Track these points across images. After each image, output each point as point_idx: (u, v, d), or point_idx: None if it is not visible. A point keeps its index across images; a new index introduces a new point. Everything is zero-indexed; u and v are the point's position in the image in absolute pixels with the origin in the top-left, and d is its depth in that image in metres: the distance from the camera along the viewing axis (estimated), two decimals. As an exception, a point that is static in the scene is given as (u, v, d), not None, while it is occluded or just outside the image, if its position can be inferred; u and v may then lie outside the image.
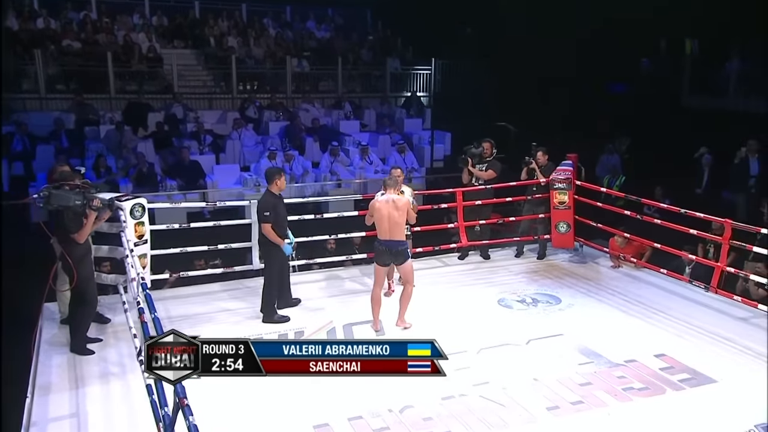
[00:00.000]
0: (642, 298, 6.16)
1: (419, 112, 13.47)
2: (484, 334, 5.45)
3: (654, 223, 6.29)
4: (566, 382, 4.67)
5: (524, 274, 7.00)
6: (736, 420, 4.08)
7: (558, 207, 7.08)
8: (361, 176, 10.54)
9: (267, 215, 5.49)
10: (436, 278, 6.75)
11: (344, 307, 6.02)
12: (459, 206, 7.02)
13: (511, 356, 5.12)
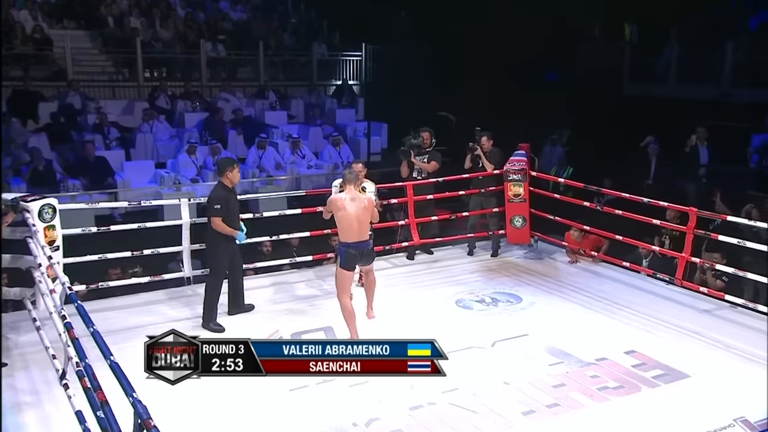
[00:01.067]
0: (604, 294, 6.37)
1: (351, 102, 13.43)
2: (445, 338, 5.21)
3: (614, 215, 6.49)
4: (539, 385, 4.75)
5: (479, 272, 7.09)
6: (715, 415, 4.27)
7: (513, 200, 7.22)
8: (293, 172, 10.36)
9: (218, 208, 5.42)
10: (387, 280, 6.69)
11: (292, 315, 5.89)
12: (410, 202, 7.02)
13: (478, 360, 5.16)
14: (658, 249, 6.45)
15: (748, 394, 4.49)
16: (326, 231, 6.78)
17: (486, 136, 7.28)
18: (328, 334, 5.62)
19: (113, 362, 2.84)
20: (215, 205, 5.43)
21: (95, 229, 6.07)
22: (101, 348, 2.97)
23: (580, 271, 7.02)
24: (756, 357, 5.02)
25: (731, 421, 4.20)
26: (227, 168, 5.50)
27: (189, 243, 6.11)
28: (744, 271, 5.60)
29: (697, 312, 5.91)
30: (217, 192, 5.50)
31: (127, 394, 2.65)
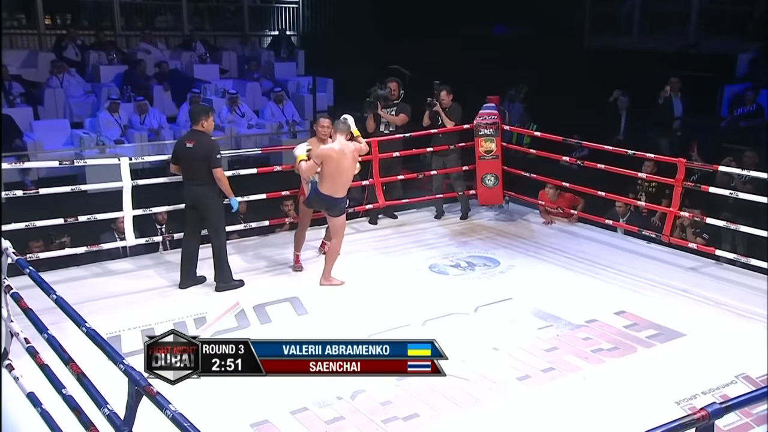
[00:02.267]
0: (585, 254, 6.54)
1: (291, 55, 13.16)
2: (424, 305, 5.51)
3: (591, 171, 6.64)
4: (530, 349, 4.85)
5: (450, 236, 7.14)
6: (716, 372, 4.47)
7: (484, 157, 7.27)
8: (232, 132, 10.10)
9: (220, 158, 5.52)
10: (352, 246, 6.67)
11: (253, 286, 5.79)
12: (375, 159, 6.96)
13: (462, 326, 5.22)
14: (644, 205, 6.65)
15: (746, 350, 4.71)
16: (284, 192, 6.71)
17: (445, 90, 7.29)
18: (293, 305, 5.62)
19: (90, 329, 2.71)
20: (217, 155, 5.49)
21: (21, 192, 5.75)
22: (71, 316, 2.82)
23: (557, 232, 7.18)
24: (749, 313, 5.28)
25: (733, 378, 4.41)
26: (201, 116, 5.54)
27: (131, 208, 5.88)
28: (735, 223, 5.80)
29: (683, 270, 6.15)
30: (208, 140, 5.55)
31: (116, 362, 2.53)
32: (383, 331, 5.13)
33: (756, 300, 5.46)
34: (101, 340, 2.67)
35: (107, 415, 2.61)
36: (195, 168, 5.52)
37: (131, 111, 10.00)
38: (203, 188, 5.53)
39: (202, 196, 5.56)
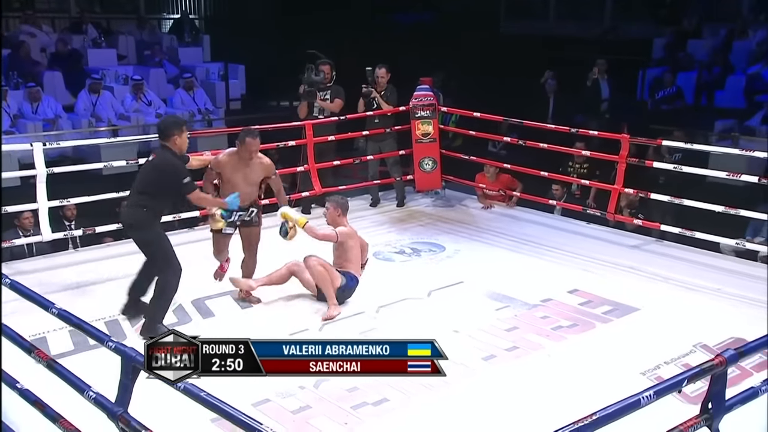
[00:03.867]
0: (529, 237, 6.79)
1: (195, 40, 12.87)
2: (375, 292, 5.57)
3: (540, 149, 6.90)
4: (491, 330, 5.01)
5: (390, 224, 7.24)
6: (674, 343, 4.76)
7: (421, 140, 7.41)
8: (139, 121, 9.78)
9: (188, 182, 4.80)
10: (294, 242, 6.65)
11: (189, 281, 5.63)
12: (309, 144, 6.94)
13: (417, 310, 5.32)
14: (590, 182, 6.96)
15: (700, 321, 5.05)
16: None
17: (385, 68, 7.37)
18: (234, 298, 5.56)
19: (61, 310, 2.59)
20: (184, 179, 4.76)
21: None
22: (35, 299, 2.68)
23: (497, 216, 7.41)
24: (697, 286, 5.65)
25: (691, 347, 4.71)
26: (174, 131, 4.83)
27: (46, 200, 5.61)
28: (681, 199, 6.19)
29: (627, 248, 6.51)
30: (170, 160, 4.81)
31: (103, 342, 2.45)
32: (335, 321, 5.18)
33: (701, 274, 5.87)
34: (78, 320, 2.58)
35: (93, 398, 2.52)
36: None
37: (22, 98, 9.49)
38: (139, 213, 4.86)
39: (138, 220, 4.90)
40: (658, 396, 2.37)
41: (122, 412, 2.60)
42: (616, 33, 11.99)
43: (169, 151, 4.82)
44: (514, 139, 7.21)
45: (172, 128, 4.85)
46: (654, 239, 6.63)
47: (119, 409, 2.60)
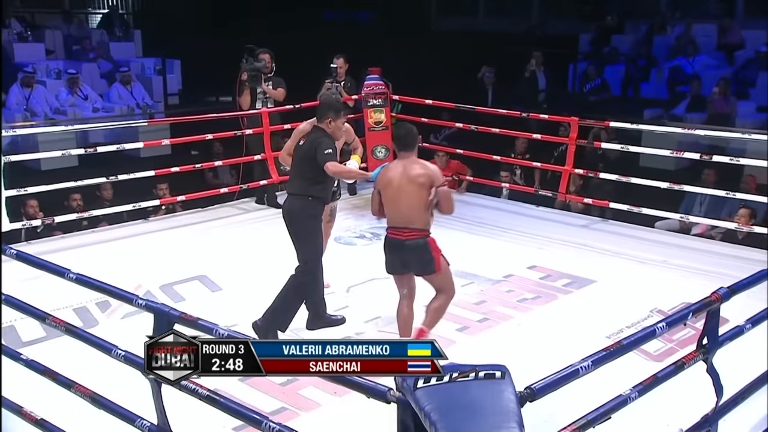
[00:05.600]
0: (483, 220, 7.05)
1: (126, 35, 12.63)
2: (341, 273, 5.69)
3: (492, 134, 7.17)
4: (460, 304, 5.23)
5: (346, 210, 7.34)
6: (632, 309, 5.09)
7: (374, 128, 7.57)
8: (76, 116, 9.55)
9: (330, 152, 4.50)
10: (247, 225, 6.76)
11: (149, 266, 5.77)
12: (266, 132, 6.99)
13: (386, 289, 5.43)
14: (540, 165, 7.27)
15: (652, 289, 5.42)
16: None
17: (343, 58, 7.49)
18: (204, 283, 5.60)
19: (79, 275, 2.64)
20: (326, 149, 4.47)
21: None
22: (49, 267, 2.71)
23: (449, 201, 7.62)
24: (645, 259, 6.04)
25: (648, 313, 5.05)
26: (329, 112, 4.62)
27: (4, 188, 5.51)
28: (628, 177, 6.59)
29: (576, 227, 6.87)
30: (321, 136, 4.57)
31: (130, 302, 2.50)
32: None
33: (647, 247, 6.27)
34: (100, 282, 2.64)
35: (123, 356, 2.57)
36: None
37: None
38: (299, 201, 4.67)
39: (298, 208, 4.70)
40: (670, 327, 2.61)
41: (157, 366, 2.65)
42: (544, 29, 12.47)
43: (321, 132, 4.59)
44: (467, 125, 7.44)
45: (327, 110, 4.61)
46: (600, 218, 7.01)
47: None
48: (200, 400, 2.58)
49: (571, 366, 2.30)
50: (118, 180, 6.87)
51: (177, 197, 7.14)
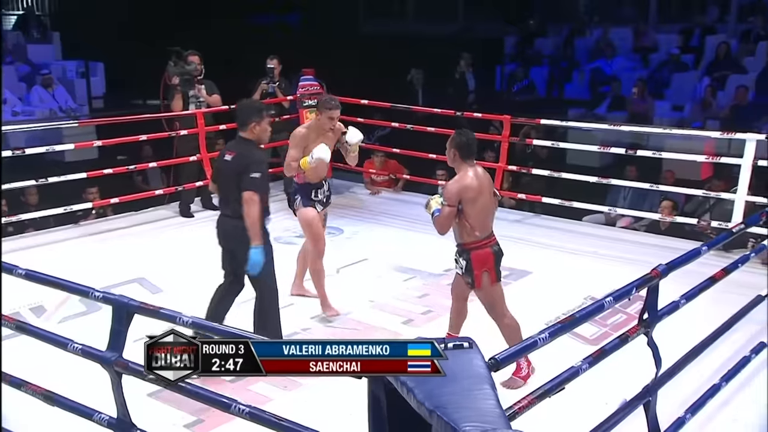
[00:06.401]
0: (420, 217, 7.02)
1: (44, 37, 12.29)
2: (283, 272, 5.64)
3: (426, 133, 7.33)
4: (404, 298, 5.38)
5: (284, 211, 7.28)
6: (568, 298, 5.32)
7: (310, 129, 7.59)
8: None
9: (258, 177, 4.11)
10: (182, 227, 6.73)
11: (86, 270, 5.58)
12: (201, 133, 6.96)
13: (330, 285, 5.51)
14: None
15: (585, 278, 5.66)
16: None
17: (276, 59, 7.52)
18: (144, 285, 5.54)
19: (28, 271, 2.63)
20: (253, 173, 4.08)
21: None
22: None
23: (386, 201, 7.80)
24: (576, 251, 6.31)
25: (582, 300, 5.29)
26: (253, 115, 4.19)
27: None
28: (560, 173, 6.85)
29: (510, 222, 7.09)
30: (251, 150, 4.17)
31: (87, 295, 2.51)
32: (250, 299, 5.29)
33: (579, 240, 6.56)
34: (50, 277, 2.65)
35: (80, 350, 2.57)
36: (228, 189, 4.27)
37: None
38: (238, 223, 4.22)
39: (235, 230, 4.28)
40: (617, 301, 2.81)
41: (117, 357, 2.66)
42: (471, 32, 12.81)
43: (249, 143, 4.20)
44: (403, 124, 7.58)
45: (251, 113, 4.21)
46: (532, 214, 7.27)
47: (114, 355, 2.66)
48: (166, 388, 2.60)
49: (531, 338, 2.45)
50: (45, 184, 6.70)
51: (110, 200, 7.02)
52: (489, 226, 4.25)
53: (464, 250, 4.21)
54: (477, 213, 4.10)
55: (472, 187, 4.07)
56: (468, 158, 4.13)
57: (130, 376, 2.76)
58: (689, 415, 3.39)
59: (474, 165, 4.15)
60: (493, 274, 4.23)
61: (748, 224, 3.98)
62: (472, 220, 4.10)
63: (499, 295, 4.30)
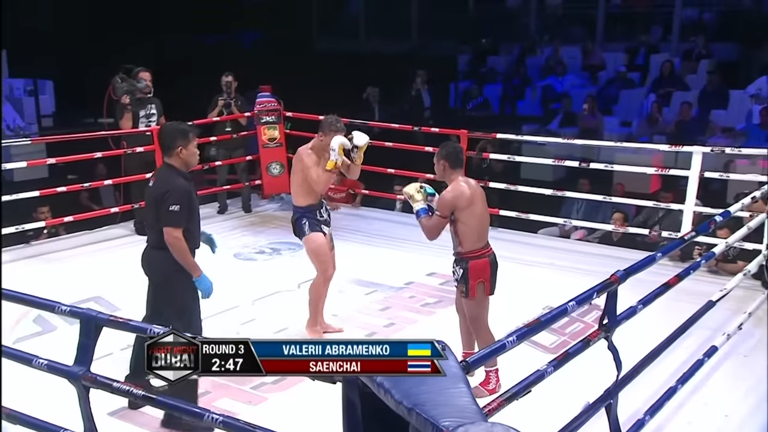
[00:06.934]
0: (380, 232, 7.29)
1: (-12, 54, 12.05)
2: (245, 287, 5.75)
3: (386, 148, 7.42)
4: (366, 311, 5.43)
5: (242, 228, 7.40)
6: (526, 306, 5.42)
7: (268, 145, 7.65)
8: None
9: (177, 211, 3.75)
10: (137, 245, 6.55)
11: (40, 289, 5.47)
12: (157, 151, 6.87)
13: (292, 300, 5.58)
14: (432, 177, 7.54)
15: (543, 288, 5.79)
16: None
17: (232, 75, 7.55)
18: (100, 303, 5.48)
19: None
20: (172, 205, 3.74)
21: None
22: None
23: (345, 216, 7.83)
24: (533, 262, 6.45)
25: (541, 310, 5.36)
26: (178, 139, 3.83)
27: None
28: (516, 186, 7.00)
29: (465, 235, 7.19)
30: (171, 179, 3.82)
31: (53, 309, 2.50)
32: (212, 315, 5.25)
33: (535, 252, 6.70)
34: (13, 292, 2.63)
35: (45, 365, 2.55)
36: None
37: None
38: (160, 257, 3.87)
39: (158, 265, 3.93)
40: (579, 305, 2.90)
41: (85, 371, 2.64)
42: (425, 50, 13.03)
43: (171, 169, 3.87)
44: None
45: (176, 137, 3.85)
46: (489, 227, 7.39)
47: (81, 369, 2.65)
48: (135, 401, 2.59)
49: (499, 341, 2.52)
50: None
51: (63, 218, 6.92)
52: (486, 235, 4.29)
53: (462, 259, 4.23)
54: (474, 221, 4.16)
55: (465, 195, 4.12)
56: (457, 168, 4.18)
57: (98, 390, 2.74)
58: (648, 417, 3.50)
59: (461, 174, 4.20)
60: (488, 285, 4.26)
61: (699, 231, 4.14)
62: (470, 228, 4.15)
63: (486, 308, 4.32)
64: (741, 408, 4.14)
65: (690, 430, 3.93)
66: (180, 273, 3.84)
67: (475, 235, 4.18)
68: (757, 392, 4.32)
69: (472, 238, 4.17)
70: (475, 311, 4.27)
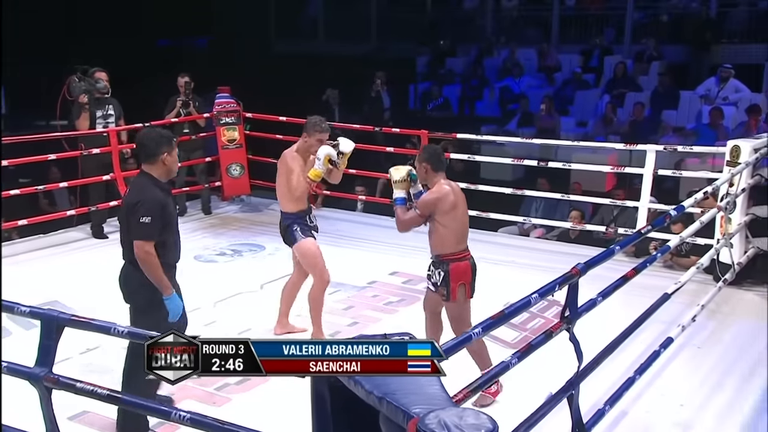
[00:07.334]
0: (342, 232, 7.29)
1: (-58, 57, 11.72)
2: (206, 289, 5.71)
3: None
4: (330, 311, 5.41)
5: (202, 230, 7.34)
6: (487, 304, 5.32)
7: (227, 146, 7.61)
8: None
9: (147, 222, 3.57)
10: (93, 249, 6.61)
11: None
12: (114, 151, 6.83)
13: (255, 301, 5.57)
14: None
15: (504, 286, 5.80)
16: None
17: (188, 76, 7.48)
18: (56, 308, 5.31)
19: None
20: (143, 217, 3.57)
21: None
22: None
23: (306, 217, 7.81)
24: (494, 260, 6.43)
25: (502, 306, 5.38)
26: (163, 145, 3.66)
27: None
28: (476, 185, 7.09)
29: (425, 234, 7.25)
30: (145, 189, 3.65)
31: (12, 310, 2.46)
32: (173, 319, 5.25)
33: (496, 250, 6.77)
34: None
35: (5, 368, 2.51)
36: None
37: None
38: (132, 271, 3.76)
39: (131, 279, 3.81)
40: (542, 297, 2.96)
41: (47, 372, 2.61)
42: (384, 52, 13.08)
43: (147, 178, 3.68)
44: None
45: (160, 144, 3.65)
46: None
47: (43, 370, 2.61)
48: (100, 401, 2.57)
49: (465, 333, 2.56)
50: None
51: (17, 222, 6.78)
52: (466, 238, 4.27)
53: (442, 262, 4.21)
54: (456, 225, 4.14)
55: (449, 199, 4.11)
56: (440, 170, 4.19)
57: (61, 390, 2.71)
58: (608, 407, 3.58)
59: (443, 177, 4.20)
60: (469, 288, 4.26)
61: (654, 226, 4.24)
62: (451, 231, 4.12)
63: (467, 310, 4.31)
64: (695, 397, 4.27)
65: (648, 419, 4.04)
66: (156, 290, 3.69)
67: (456, 238, 4.17)
68: (710, 382, 4.47)
69: (453, 241, 4.16)
70: (458, 313, 4.27)
